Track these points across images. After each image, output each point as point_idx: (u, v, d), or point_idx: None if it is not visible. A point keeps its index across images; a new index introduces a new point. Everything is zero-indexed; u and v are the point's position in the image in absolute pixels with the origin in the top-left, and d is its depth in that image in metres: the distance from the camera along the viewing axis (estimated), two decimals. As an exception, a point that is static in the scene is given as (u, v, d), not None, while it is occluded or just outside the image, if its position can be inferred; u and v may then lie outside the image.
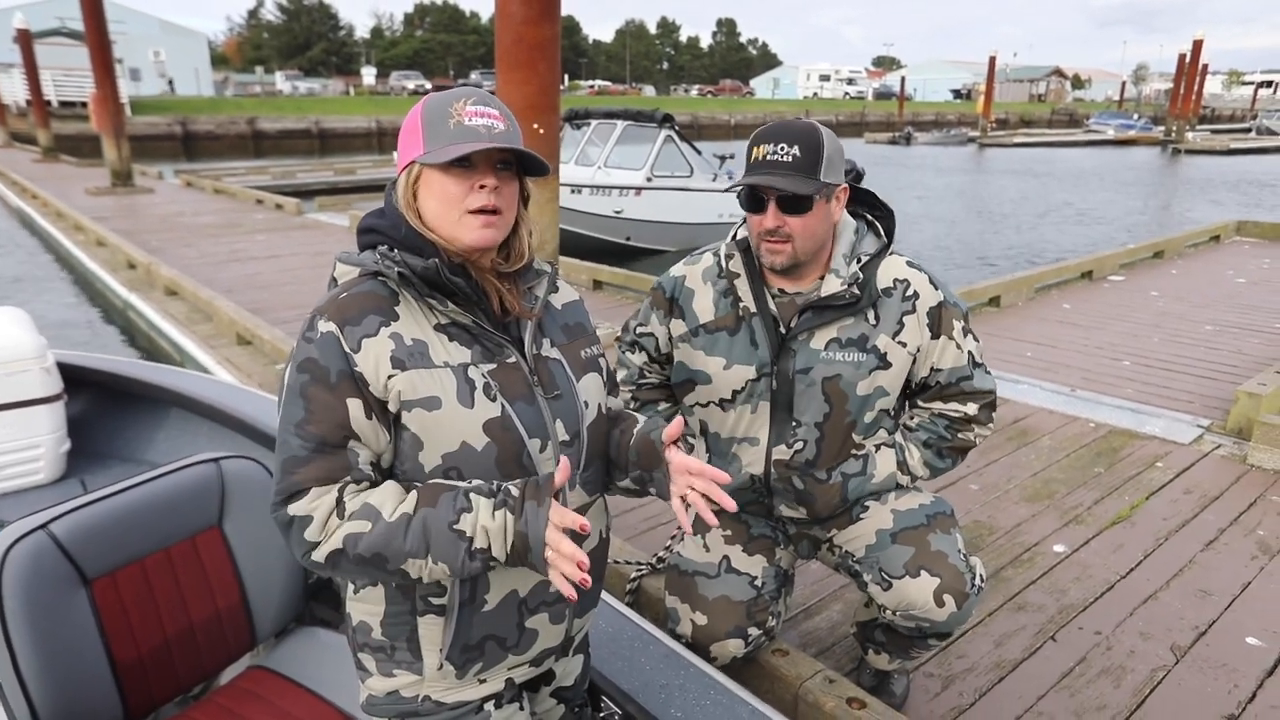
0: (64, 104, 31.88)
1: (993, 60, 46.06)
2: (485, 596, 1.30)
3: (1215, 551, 3.13)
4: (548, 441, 1.31)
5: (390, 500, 1.20)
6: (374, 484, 1.24)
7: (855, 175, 12.36)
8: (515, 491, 1.21)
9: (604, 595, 2.05)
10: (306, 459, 1.19)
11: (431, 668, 1.32)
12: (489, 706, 1.38)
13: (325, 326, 1.21)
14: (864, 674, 2.33)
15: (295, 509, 1.19)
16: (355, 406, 1.20)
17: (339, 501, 1.20)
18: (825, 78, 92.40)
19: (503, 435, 1.25)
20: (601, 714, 1.77)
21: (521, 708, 1.43)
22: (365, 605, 1.34)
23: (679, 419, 1.34)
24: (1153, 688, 2.38)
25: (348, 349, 1.20)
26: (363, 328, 1.21)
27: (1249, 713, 2.28)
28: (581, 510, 1.38)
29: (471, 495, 1.20)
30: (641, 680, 1.79)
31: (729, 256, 1.89)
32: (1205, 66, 46.69)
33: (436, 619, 1.30)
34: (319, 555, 1.19)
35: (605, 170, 11.28)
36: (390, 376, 1.21)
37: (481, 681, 1.37)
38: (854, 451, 1.94)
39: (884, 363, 1.84)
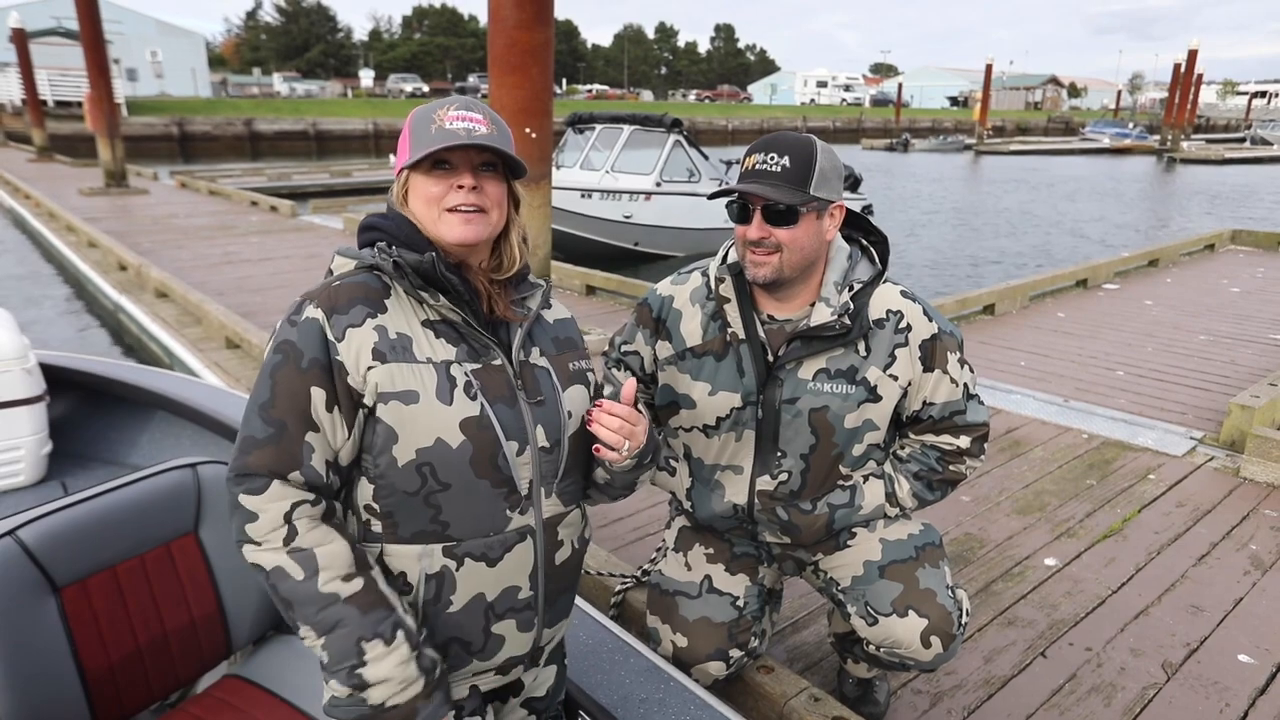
0: (60, 104, 31.86)
1: (989, 68, 46.23)
2: (451, 597, 1.30)
3: (1207, 566, 3.10)
4: (526, 445, 1.31)
5: (334, 568, 1.21)
6: (325, 493, 1.25)
7: (853, 181, 12.33)
8: (437, 670, 1.26)
9: (586, 607, 2.02)
10: (262, 443, 1.21)
11: None
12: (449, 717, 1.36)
13: (312, 312, 1.24)
14: (845, 682, 2.30)
15: (246, 500, 1.21)
16: (319, 396, 1.22)
17: (289, 521, 1.21)
18: (822, 84, 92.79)
19: (479, 435, 1.26)
20: None
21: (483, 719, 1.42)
22: None
23: (631, 382, 1.39)
24: (1143, 706, 2.35)
25: (331, 337, 1.23)
26: (349, 317, 1.24)
27: (1240, 731, 2.26)
28: (556, 520, 1.39)
29: (399, 632, 1.22)
30: (621, 694, 1.76)
31: (720, 280, 1.84)
32: (1200, 76, 46.97)
33: None
34: (247, 553, 1.22)
35: (614, 175, 11.23)
36: (369, 368, 1.23)
37: None
38: (840, 482, 1.89)
39: (873, 395, 1.79)
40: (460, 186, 1.28)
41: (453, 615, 1.31)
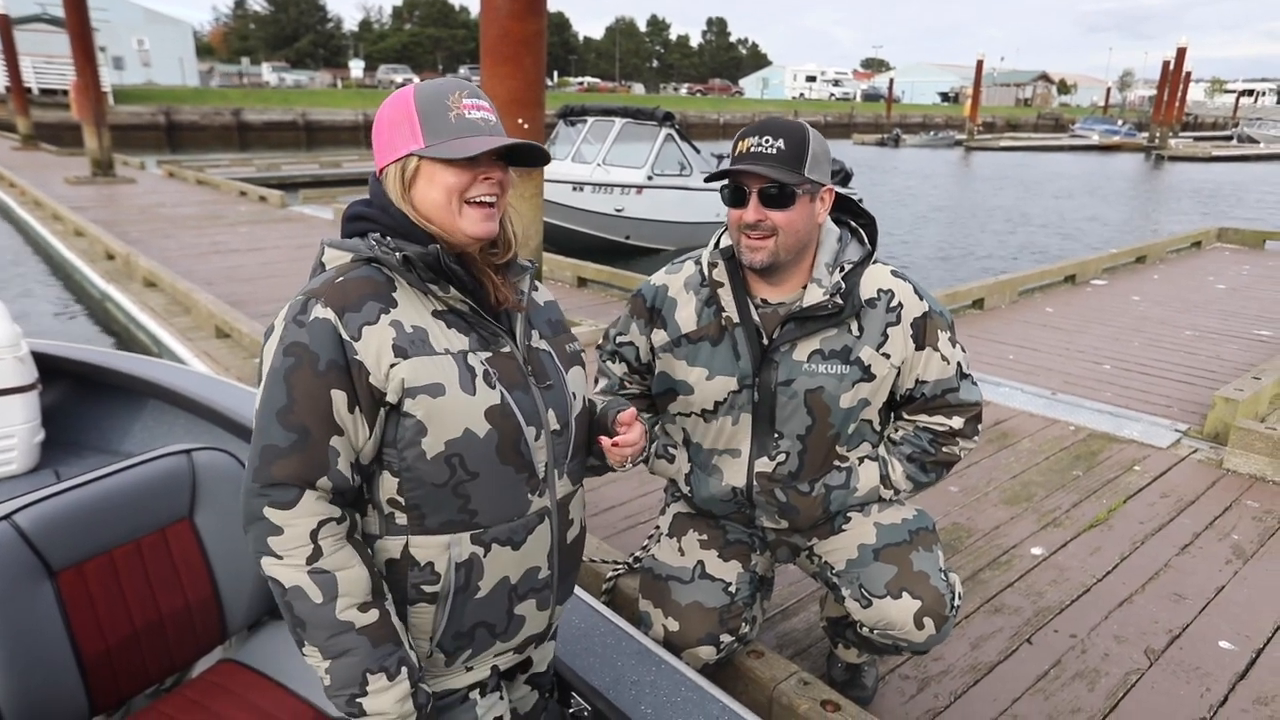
0: (45, 91, 31.51)
1: (980, 64, 46.30)
2: (479, 584, 1.31)
3: (1190, 555, 3.15)
4: (541, 430, 1.33)
5: (353, 595, 1.21)
6: (350, 497, 1.24)
7: (844, 176, 12.43)
8: (430, 706, 1.28)
9: (579, 592, 2.04)
10: (286, 451, 1.18)
11: (420, 656, 1.32)
12: (474, 695, 1.39)
13: (320, 312, 1.20)
14: (834, 667, 2.33)
15: (272, 514, 1.19)
16: (339, 398, 1.19)
17: (315, 540, 1.20)
18: (811, 79, 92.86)
19: (503, 422, 1.27)
20: (571, 710, 1.76)
21: (502, 696, 1.45)
22: None
23: (630, 410, 1.43)
24: (1126, 691, 2.39)
25: (346, 336, 1.20)
26: (363, 314, 1.21)
27: (1221, 716, 2.30)
28: (566, 499, 1.41)
29: (403, 668, 1.24)
30: (612, 676, 1.78)
31: (712, 265, 1.85)
32: (1189, 74, 47.14)
33: (428, 607, 1.30)
34: (265, 565, 1.21)
35: (605, 168, 11.22)
36: (393, 365, 1.21)
37: (468, 669, 1.38)
38: (837, 464, 1.92)
39: (867, 375, 1.82)
40: (488, 178, 1.27)
41: (480, 600, 1.32)
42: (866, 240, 1.89)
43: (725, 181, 1.73)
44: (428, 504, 1.27)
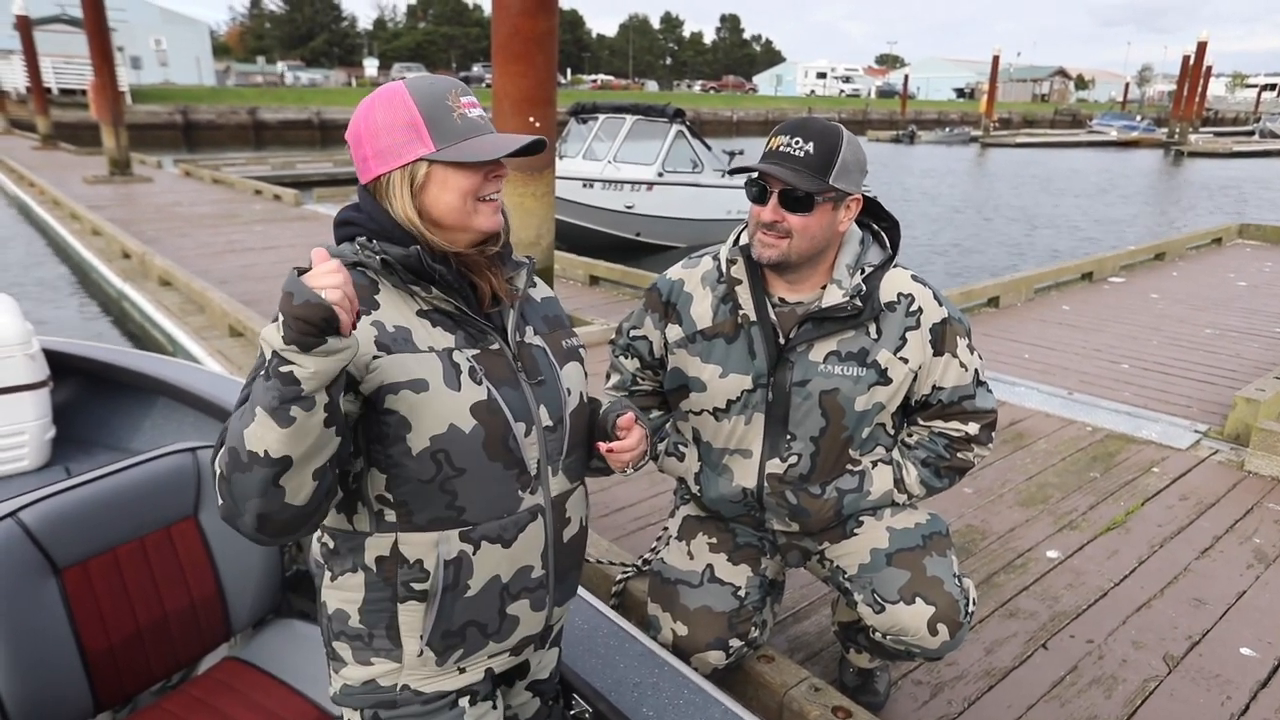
0: (64, 91, 31.89)
1: (996, 59, 45.96)
2: (468, 582, 1.30)
3: (1210, 559, 3.10)
4: (532, 426, 1.32)
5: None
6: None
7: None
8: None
9: (584, 594, 2.03)
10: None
11: (411, 654, 1.31)
12: (463, 702, 1.37)
13: None
14: (846, 671, 2.30)
15: (215, 471, 1.12)
16: None
17: None
18: (822, 75, 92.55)
19: (489, 419, 1.26)
20: (572, 712, 1.74)
21: (495, 706, 1.42)
22: (342, 592, 1.33)
23: (629, 414, 1.39)
24: (1145, 698, 2.34)
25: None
26: None
27: (1241, 724, 2.26)
28: (562, 497, 1.39)
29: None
30: (614, 678, 1.76)
31: (731, 261, 1.84)
32: (1209, 69, 46.62)
33: (418, 605, 1.29)
34: (217, 493, 1.11)
35: (616, 165, 11.23)
36: (375, 357, 1.20)
37: (461, 671, 1.36)
38: (849, 467, 1.89)
39: (884, 378, 1.79)
40: (498, 175, 1.28)
41: (470, 599, 1.31)
42: (888, 244, 1.87)
43: (750, 175, 1.71)
44: (415, 500, 1.26)
